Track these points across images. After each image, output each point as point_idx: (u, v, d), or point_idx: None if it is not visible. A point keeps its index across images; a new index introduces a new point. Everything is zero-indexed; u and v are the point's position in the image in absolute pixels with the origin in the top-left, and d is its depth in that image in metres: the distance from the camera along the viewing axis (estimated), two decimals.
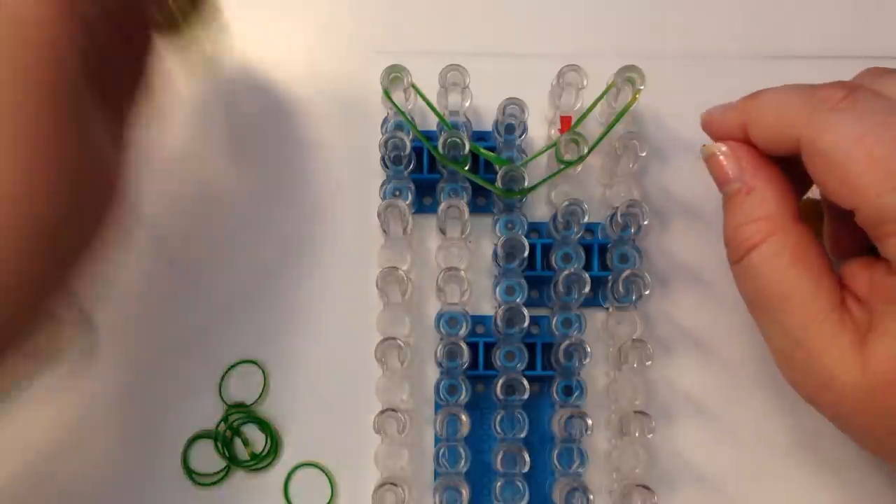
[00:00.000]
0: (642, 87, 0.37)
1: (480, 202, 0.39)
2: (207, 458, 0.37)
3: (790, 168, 0.32)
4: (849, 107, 0.29)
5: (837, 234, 0.34)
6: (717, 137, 0.33)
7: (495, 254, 0.37)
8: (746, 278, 0.32)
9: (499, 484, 0.34)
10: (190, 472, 0.37)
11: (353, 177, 0.40)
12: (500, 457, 0.34)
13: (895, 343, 0.28)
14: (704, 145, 0.33)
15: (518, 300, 0.36)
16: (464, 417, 0.34)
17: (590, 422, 0.34)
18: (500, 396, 0.35)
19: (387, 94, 0.37)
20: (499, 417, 0.35)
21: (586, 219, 0.36)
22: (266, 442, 0.37)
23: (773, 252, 0.30)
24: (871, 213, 0.28)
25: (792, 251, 0.30)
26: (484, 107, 0.40)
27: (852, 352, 0.29)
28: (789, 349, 0.31)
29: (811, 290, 0.30)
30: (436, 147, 0.36)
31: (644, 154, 0.37)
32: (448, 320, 0.36)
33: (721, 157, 0.32)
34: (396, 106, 0.37)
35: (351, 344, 0.38)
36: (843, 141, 0.28)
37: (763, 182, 0.31)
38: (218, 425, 0.38)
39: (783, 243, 0.30)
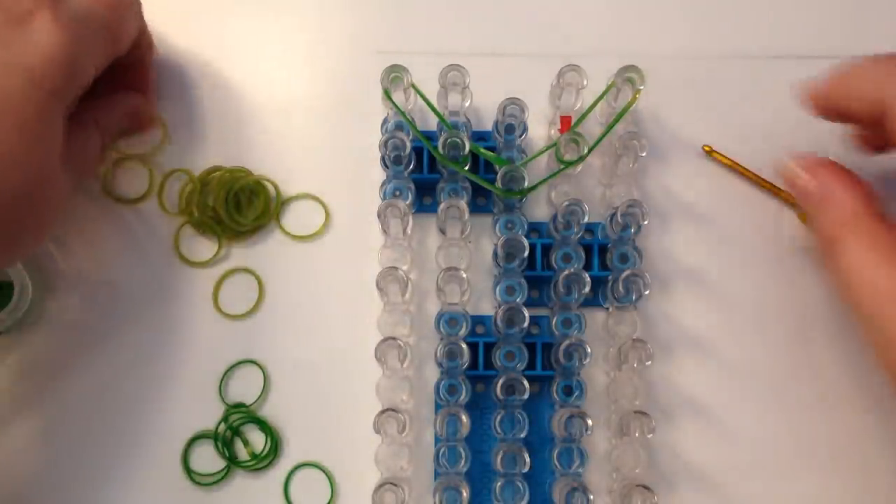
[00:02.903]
0: (642, 87, 0.37)
1: (480, 202, 0.39)
2: (207, 458, 0.37)
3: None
4: None
5: None
6: (819, 110, 0.36)
7: (495, 254, 0.37)
8: (839, 277, 0.33)
9: (499, 484, 0.34)
10: (190, 472, 0.37)
11: (353, 177, 0.40)
12: (500, 457, 0.34)
13: None
14: (783, 165, 0.35)
15: (518, 300, 0.36)
16: (464, 417, 0.34)
17: (590, 422, 0.34)
18: (500, 396, 0.35)
19: (387, 94, 0.37)
20: (499, 417, 0.35)
21: (586, 219, 0.36)
22: (266, 442, 0.37)
23: (860, 248, 0.32)
24: None
25: (876, 246, 0.32)
26: (484, 107, 0.40)
27: None
28: (884, 342, 0.31)
29: None
30: (436, 147, 0.36)
31: (644, 154, 0.37)
32: (448, 320, 0.36)
33: (801, 179, 0.35)
34: (396, 106, 0.37)
35: (351, 344, 0.38)
36: None
37: (840, 188, 0.33)
38: (218, 425, 0.38)
39: (867, 239, 0.32)
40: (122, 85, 0.38)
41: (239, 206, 0.39)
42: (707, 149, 0.40)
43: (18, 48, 0.30)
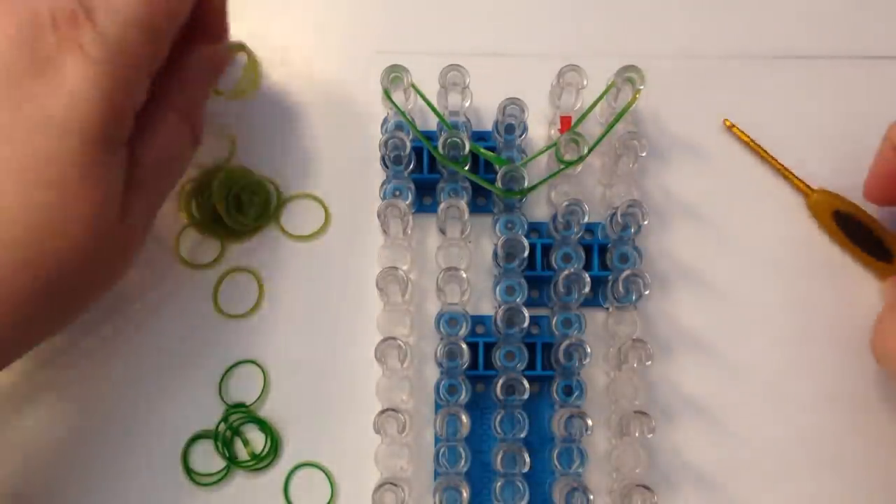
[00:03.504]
0: (642, 87, 0.37)
1: (480, 202, 0.39)
2: (207, 458, 0.37)
3: None
4: None
5: None
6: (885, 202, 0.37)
7: (495, 254, 0.37)
8: None
9: (499, 484, 0.34)
10: (190, 472, 0.37)
11: (353, 177, 0.40)
12: (500, 457, 0.34)
13: None
14: None
15: (518, 300, 0.36)
16: (464, 417, 0.34)
17: (590, 422, 0.34)
18: (500, 396, 0.35)
19: (387, 94, 0.37)
20: (499, 417, 0.35)
21: (586, 219, 0.36)
22: (266, 442, 0.37)
23: None
24: None
25: None
26: (484, 107, 0.40)
27: None
28: None
29: None
30: (436, 147, 0.36)
31: (644, 154, 0.37)
32: (448, 320, 0.36)
33: None
34: (396, 106, 0.37)
35: (351, 344, 0.38)
36: None
37: None
38: (218, 425, 0.38)
39: None
40: (195, 39, 0.33)
41: (239, 206, 0.39)
42: (728, 123, 0.40)
43: (45, 100, 0.26)
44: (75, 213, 0.27)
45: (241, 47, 0.40)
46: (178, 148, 0.32)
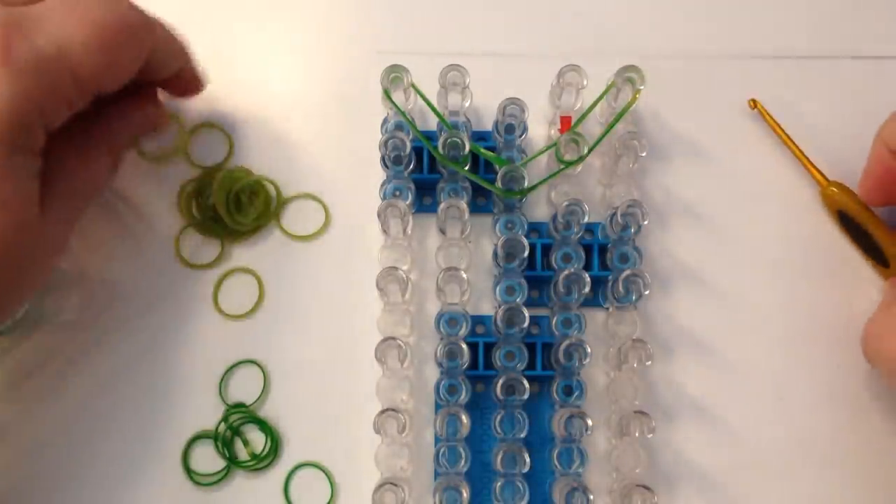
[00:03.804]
0: (642, 87, 0.37)
1: (480, 202, 0.39)
2: (207, 458, 0.37)
3: None
4: None
5: None
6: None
7: (495, 254, 0.37)
8: None
9: (499, 484, 0.34)
10: (190, 472, 0.37)
11: (353, 177, 0.40)
12: (500, 457, 0.34)
13: None
14: None
15: (518, 300, 0.36)
16: (464, 417, 0.34)
17: (590, 422, 0.34)
18: (500, 396, 0.35)
19: (387, 94, 0.37)
20: (499, 417, 0.35)
21: (586, 219, 0.36)
22: (266, 442, 0.37)
23: None
24: None
25: None
26: (484, 107, 0.40)
27: None
28: None
29: None
30: (436, 147, 0.36)
31: (644, 154, 0.37)
32: (448, 320, 0.36)
33: None
34: (396, 106, 0.37)
35: (351, 344, 0.38)
36: None
37: None
38: (218, 425, 0.38)
39: None
40: (137, 91, 0.35)
41: (239, 206, 0.39)
42: (752, 103, 0.40)
43: None
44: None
45: (176, 118, 0.40)
46: (94, 173, 0.33)
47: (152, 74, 0.34)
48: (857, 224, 0.38)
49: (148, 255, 0.39)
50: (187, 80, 0.37)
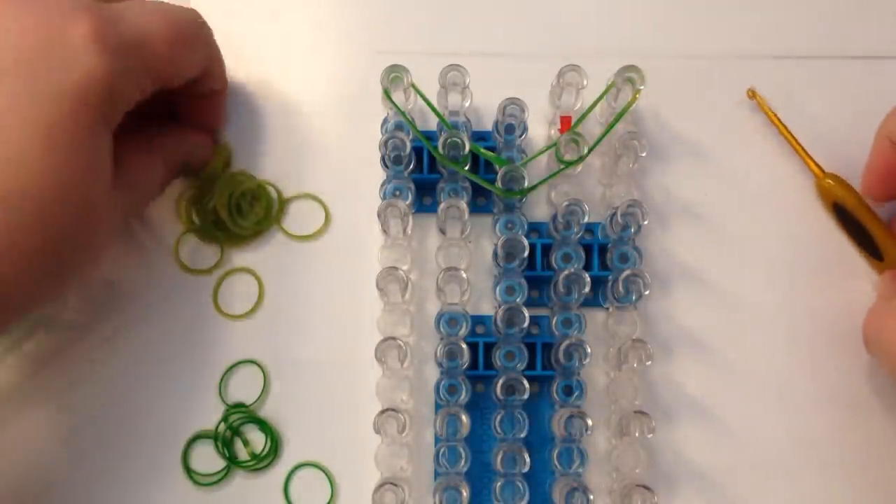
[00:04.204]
0: (642, 87, 0.37)
1: (480, 202, 0.39)
2: (207, 458, 0.37)
3: None
4: None
5: None
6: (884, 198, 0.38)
7: (495, 254, 0.37)
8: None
9: (499, 484, 0.34)
10: (190, 472, 0.37)
11: (353, 177, 0.40)
12: (500, 457, 0.34)
13: None
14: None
15: (518, 300, 0.36)
16: (464, 417, 0.34)
17: (590, 422, 0.34)
18: (500, 396, 0.35)
19: (387, 94, 0.37)
20: (499, 417, 0.35)
21: (586, 219, 0.36)
22: (266, 442, 0.37)
23: None
24: None
25: None
26: (484, 107, 0.40)
27: None
28: None
29: None
30: (436, 147, 0.36)
31: (644, 154, 0.37)
32: (448, 320, 0.36)
33: None
34: (396, 106, 0.37)
35: (351, 344, 0.38)
36: None
37: None
38: (218, 425, 0.38)
39: None
40: (191, 117, 0.38)
41: (240, 210, 0.39)
42: (751, 93, 0.40)
43: (61, 71, 0.29)
44: (82, 180, 0.30)
45: (226, 150, 0.40)
46: (150, 176, 0.36)
47: (206, 83, 0.37)
48: (852, 217, 0.38)
49: (148, 257, 0.39)
50: (217, 105, 0.39)
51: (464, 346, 0.35)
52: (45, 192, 0.29)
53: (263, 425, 0.38)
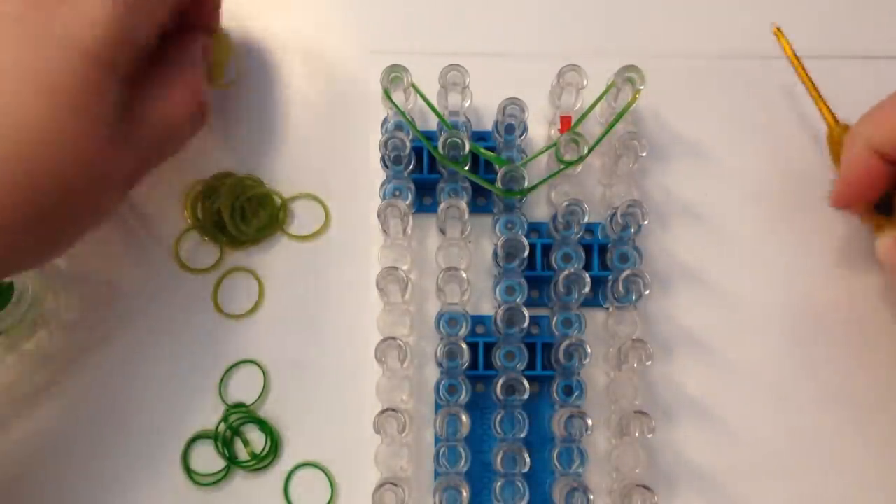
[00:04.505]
0: (642, 87, 0.37)
1: (480, 202, 0.39)
2: (207, 458, 0.37)
3: None
4: None
5: None
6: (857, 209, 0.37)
7: (495, 254, 0.37)
8: None
9: (499, 484, 0.34)
10: (190, 472, 0.37)
11: (353, 177, 0.40)
12: (500, 457, 0.34)
13: None
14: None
15: (518, 300, 0.36)
16: (464, 417, 0.34)
17: (590, 422, 0.34)
18: (500, 396, 0.35)
19: (387, 94, 0.37)
20: (499, 417, 0.35)
21: (586, 219, 0.36)
22: (266, 442, 0.37)
23: None
24: None
25: None
26: (484, 107, 0.40)
27: None
28: None
29: None
30: (436, 147, 0.36)
31: (644, 154, 0.37)
32: (448, 320, 0.36)
33: None
34: (396, 106, 0.37)
35: (351, 344, 0.38)
36: None
37: None
38: (218, 425, 0.38)
39: None
40: (188, 20, 0.36)
41: (244, 216, 0.39)
42: (776, 30, 0.38)
43: (66, 19, 0.29)
44: (88, 133, 0.30)
45: (226, 38, 0.39)
46: (180, 118, 0.34)
47: None
48: None
49: (148, 256, 0.39)
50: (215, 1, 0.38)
51: (464, 346, 0.35)
52: (42, 147, 0.28)
53: (263, 425, 0.38)
